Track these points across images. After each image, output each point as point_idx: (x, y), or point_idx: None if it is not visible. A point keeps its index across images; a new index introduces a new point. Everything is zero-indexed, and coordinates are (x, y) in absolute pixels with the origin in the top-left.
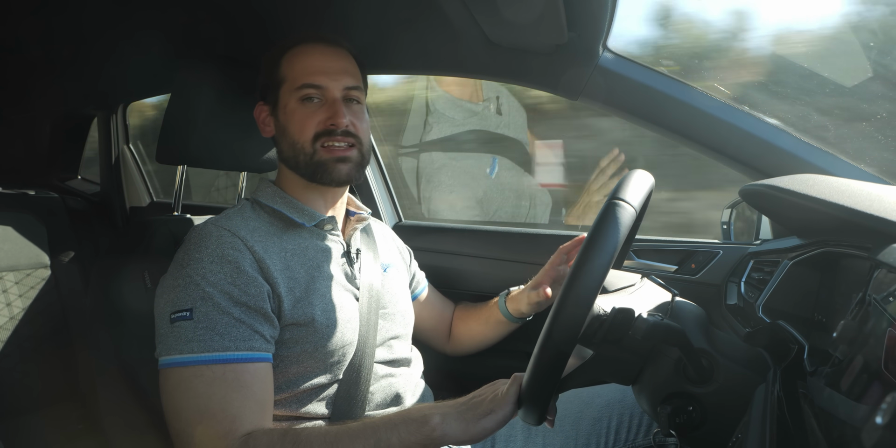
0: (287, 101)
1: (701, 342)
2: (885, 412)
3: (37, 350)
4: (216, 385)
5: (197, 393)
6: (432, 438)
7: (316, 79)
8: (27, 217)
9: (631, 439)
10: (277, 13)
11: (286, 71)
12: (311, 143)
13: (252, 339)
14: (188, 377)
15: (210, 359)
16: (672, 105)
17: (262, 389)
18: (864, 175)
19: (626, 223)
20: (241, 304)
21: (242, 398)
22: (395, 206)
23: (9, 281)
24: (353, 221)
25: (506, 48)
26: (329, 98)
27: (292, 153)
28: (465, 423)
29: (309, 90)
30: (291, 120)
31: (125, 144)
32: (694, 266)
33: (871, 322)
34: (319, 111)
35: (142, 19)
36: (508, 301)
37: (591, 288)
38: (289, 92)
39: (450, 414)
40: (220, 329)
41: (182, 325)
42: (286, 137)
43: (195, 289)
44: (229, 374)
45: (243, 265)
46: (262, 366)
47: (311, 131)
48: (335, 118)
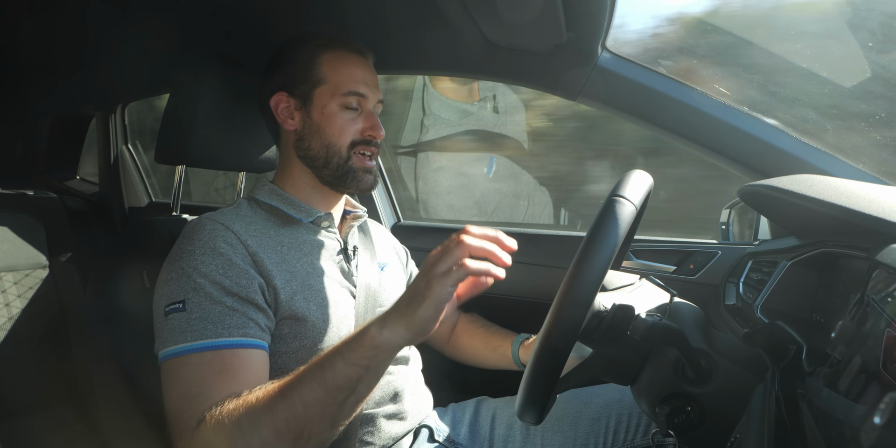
0: (327, 103)
1: (699, 342)
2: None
3: (35, 350)
4: (199, 370)
5: (180, 379)
6: (376, 347)
7: (361, 88)
8: (26, 217)
9: (629, 439)
10: (276, 13)
11: (329, 73)
12: (347, 149)
13: (246, 327)
14: (177, 366)
15: (201, 346)
16: (671, 105)
17: (250, 375)
18: (862, 175)
19: (627, 220)
20: (233, 295)
21: (225, 381)
22: (394, 206)
23: (7, 281)
24: (349, 219)
25: (505, 48)
26: (366, 109)
27: (324, 153)
28: (404, 319)
29: (353, 98)
30: (331, 123)
31: (124, 144)
32: (692, 266)
33: (870, 322)
34: (359, 119)
35: (140, 19)
36: (522, 348)
37: (591, 285)
38: (330, 94)
39: (387, 317)
40: (213, 318)
41: (176, 317)
42: (320, 137)
43: (187, 280)
44: (216, 360)
45: (234, 258)
46: (256, 352)
47: (349, 137)
48: (375, 130)
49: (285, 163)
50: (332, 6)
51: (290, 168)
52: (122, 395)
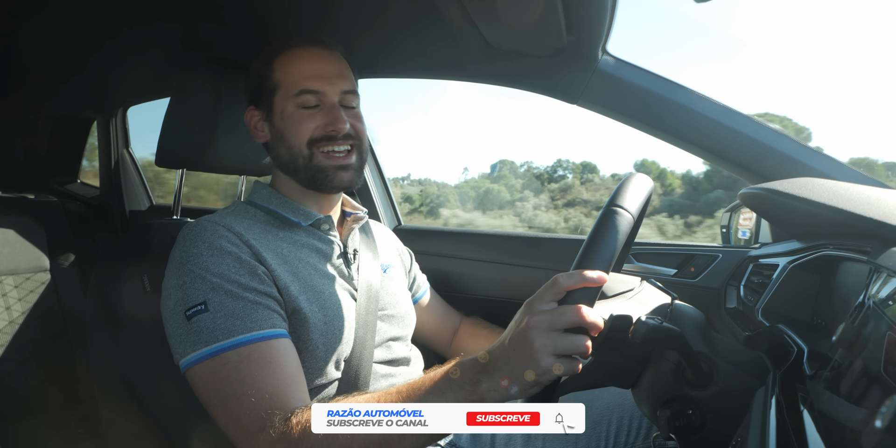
0: (283, 107)
1: (700, 346)
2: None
3: (36, 354)
4: (242, 367)
5: (229, 379)
6: (479, 402)
7: (313, 84)
8: (27, 221)
9: (630, 442)
10: (276, 16)
11: (281, 76)
12: (307, 147)
13: (272, 318)
14: (216, 367)
15: (234, 343)
16: (672, 109)
17: (291, 365)
18: (863, 179)
19: (624, 230)
20: (252, 289)
21: (273, 374)
22: (395, 209)
23: (8, 285)
24: (349, 222)
25: (505, 52)
26: (327, 103)
27: (290, 158)
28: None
29: (307, 96)
30: (288, 125)
31: (124, 148)
32: (693, 269)
33: (871, 325)
34: (318, 116)
35: (141, 22)
36: None
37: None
38: (285, 98)
39: (497, 381)
40: (239, 313)
41: (200, 318)
42: (283, 142)
43: (202, 282)
44: (255, 354)
45: (242, 256)
46: (286, 342)
47: (306, 136)
48: (335, 124)
49: (275, 173)
50: (331, 9)
51: (280, 177)
52: (123, 399)
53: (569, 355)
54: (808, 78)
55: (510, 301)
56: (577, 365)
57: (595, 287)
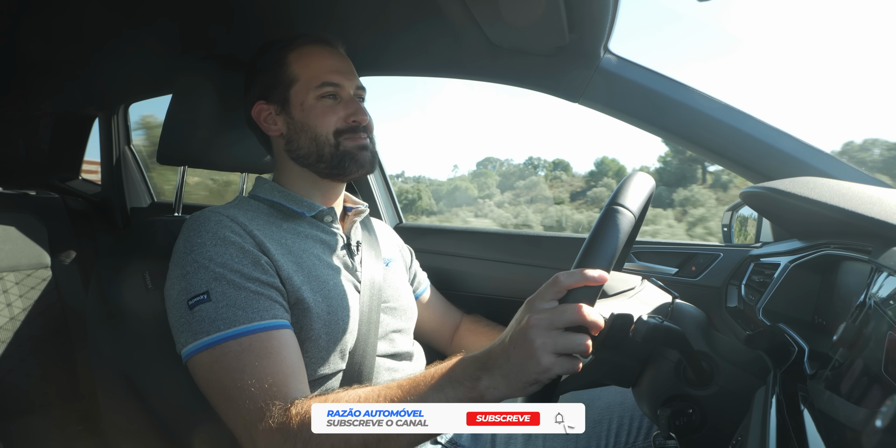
0: (304, 99)
1: (701, 345)
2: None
3: (37, 351)
4: (243, 357)
5: (229, 369)
6: (478, 400)
7: (334, 77)
8: (28, 217)
9: (631, 442)
10: (280, 14)
11: (298, 70)
12: (334, 137)
13: (274, 308)
14: (217, 357)
15: (236, 333)
16: (674, 107)
17: (290, 355)
18: (864, 178)
19: (625, 229)
20: (255, 280)
21: (274, 364)
22: (396, 207)
23: (9, 281)
24: (351, 215)
25: (507, 50)
26: (345, 96)
27: (315, 148)
28: (511, 388)
29: (329, 88)
30: (312, 116)
31: (126, 145)
32: (694, 268)
33: (872, 325)
34: (339, 107)
35: (143, 19)
36: None
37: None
38: (305, 90)
39: (496, 379)
40: (240, 303)
41: (203, 308)
42: (306, 133)
43: (205, 272)
44: (256, 344)
45: (246, 246)
46: (287, 332)
47: (332, 126)
48: (357, 115)
49: (282, 167)
50: (333, 7)
51: (288, 171)
52: (124, 396)
53: (569, 354)
54: (807, 78)
55: (511, 299)
56: (578, 364)
57: (596, 286)
